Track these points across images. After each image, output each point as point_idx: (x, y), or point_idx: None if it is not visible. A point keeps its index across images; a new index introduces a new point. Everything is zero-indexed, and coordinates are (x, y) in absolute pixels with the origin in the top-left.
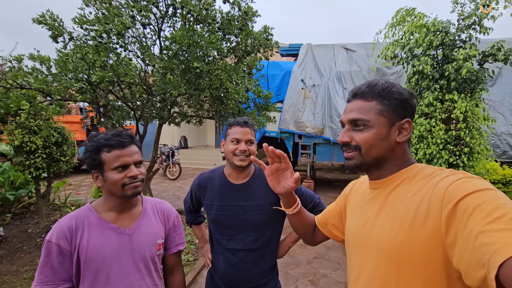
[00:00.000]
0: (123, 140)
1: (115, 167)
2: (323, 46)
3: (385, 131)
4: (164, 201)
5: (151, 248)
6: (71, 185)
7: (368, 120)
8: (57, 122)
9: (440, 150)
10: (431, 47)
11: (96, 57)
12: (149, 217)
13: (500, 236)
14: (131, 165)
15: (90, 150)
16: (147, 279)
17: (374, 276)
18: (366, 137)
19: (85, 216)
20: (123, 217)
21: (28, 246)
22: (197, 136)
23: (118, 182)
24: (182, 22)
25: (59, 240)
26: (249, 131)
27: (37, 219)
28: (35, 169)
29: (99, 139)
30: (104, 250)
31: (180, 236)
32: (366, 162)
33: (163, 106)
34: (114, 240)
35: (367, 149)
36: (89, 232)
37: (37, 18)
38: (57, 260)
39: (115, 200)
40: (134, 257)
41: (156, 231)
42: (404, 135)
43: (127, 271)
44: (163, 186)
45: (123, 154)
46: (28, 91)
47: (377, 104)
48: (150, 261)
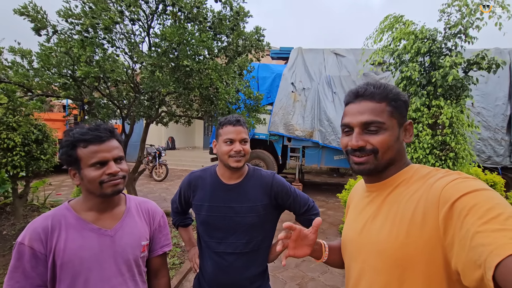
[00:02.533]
0: (100, 134)
1: (92, 164)
2: (313, 50)
3: (397, 132)
4: (149, 200)
5: (134, 250)
6: (52, 185)
7: (384, 123)
8: (38, 119)
9: (427, 155)
10: (419, 54)
11: (81, 51)
12: (133, 217)
13: (495, 236)
14: (110, 161)
15: (66, 146)
16: (130, 283)
17: (376, 280)
18: (383, 140)
19: (62, 216)
20: (104, 217)
21: (2, 249)
22: (185, 137)
23: (95, 180)
24: (172, 19)
25: (33, 242)
26: (243, 129)
27: (13, 220)
28: (13, 167)
29: (75, 134)
30: (83, 253)
31: (166, 237)
32: (381, 165)
33: (151, 105)
34: (94, 242)
35: (384, 151)
36: (66, 233)
37: (19, 9)
38: (29, 264)
39: (94, 199)
40: (116, 260)
41: (140, 232)
42: (410, 135)
43: (108, 275)
44: (149, 187)
45: (101, 150)
46: (7, 85)
47: (387, 106)
48: (133, 264)
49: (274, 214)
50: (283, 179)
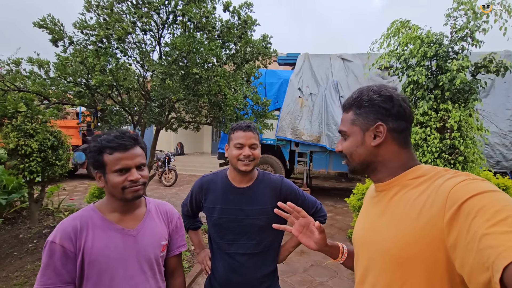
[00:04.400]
0: (125, 142)
1: (116, 170)
2: (320, 56)
3: (359, 138)
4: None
5: (155, 249)
6: (65, 190)
7: (345, 131)
8: (54, 126)
9: (435, 159)
10: (425, 58)
11: (95, 61)
12: (153, 218)
13: (504, 239)
14: (132, 169)
15: (93, 151)
16: (152, 281)
17: (379, 278)
18: (346, 146)
19: (89, 217)
20: (127, 218)
21: (19, 251)
22: (193, 143)
23: (118, 185)
24: (182, 29)
25: (63, 241)
26: (252, 135)
27: (29, 224)
28: (29, 173)
29: (102, 140)
30: (109, 252)
31: (181, 237)
32: (356, 167)
33: (161, 112)
34: (119, 241)
35: (349, 156)
36: (93, 233)
37: (38, 22)
38: (60, 261)
39: (117, 201)
40: (139, 259)
41: (160, 233)
42: (379, 138)
43: (131, 273)
44: (159, 192)
45: (125, 157)
46: (26, 94)
47: (351, 114)
48: (154, 262)
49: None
50: (291, 182)
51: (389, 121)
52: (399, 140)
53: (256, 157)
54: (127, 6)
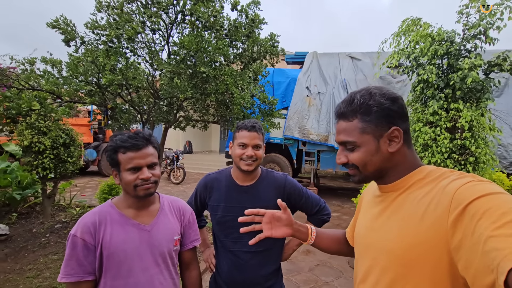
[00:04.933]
0: (137, 143)
1: (128, 169)
2: (329, 54)
3: (373, 146)
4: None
5: (168, 243)
6: (77, 186)
7: (354, 141)
8: (66, 124)
9: (445, 159)
10: (436, 56)
11: (106, 60)
12: (166, 214)
13: (509, 241)
14: (144, 168)
15: (109, 150)
16: (165, 273)
17: (382, 277)
18: (358, 157)
19: (107, 212)
20: (142, 213)
21: (32, 245)
22: (201, 141)
23: (130, 183)
24: (190, 28)
25: (84, 234)
26: (257, 135)
27: (42, 219)
28: (43, 169)
29: (117, 140)
30: (126, 245)
31: (195, 232)
32: (368, 176)
33: (170, 110)
34: (136, 235)
35: (362, 166)
36: (111, 227)
37: (51, 22)
38: (82, 253)
39: (131, 198)
40: (153, 252)
41: (173, 228)
42: (396, 142)
43: (147, 266)
44: (167, 189)
45: (137, 157)
46: (39, 93)
47: (358, 123)
48: (167, 256)
49: None
50: (295, 180)
51: (400, 123)
52: (407, 141)
53: (259, 157)
54: (137, 6)
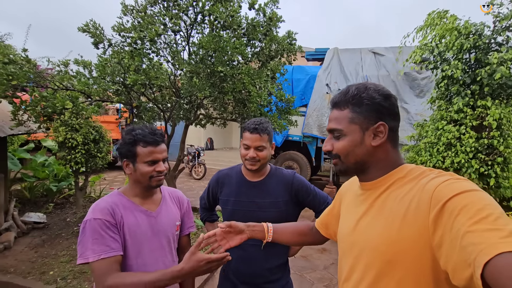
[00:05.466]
0: (157, 139)
1: (147, 161)
2: (350, 50)
3: (358, 137)
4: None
5: (172, 228)
6: (106, 179)
7: (342, 129)
8: (96, 121)
9: (470, 159)
10: (462, 51)
11: (131, 61)
12: (168, 203)
13: (485, 236)
14: (160, 161)
15: (127, 142)
16: (169, 256)
17: (366, 274)
18: (341, 146)
19: (117, 199)
20: (147, 202)
21: (66, 233)
22: (222, 138)
23: (147, 174)
24: (210, 28)
25: (105, 216)
26: (259, 137)
27: (75, 209)
28: (75, 163)
29: (137, 134)
30: (137, 229)
31: (191, 220)
32: (348, 168)
33: (190, 108)
34: (144, 220)
35: (344, 156)
36: (124, 212)
37: (82, 27)
38: (110, 231)
39: (140, 187)
40: (159, 236)
41: (174, 214)
42: (380, 137)
43: (154, 248)
44: (188, 185)
45: (156, 151)
46: (72, 92)
47: (348, 112)
48: (171, 239)
49: (294, 210)
50: (303, 178)
51: (388, 120)
52: (392, 139)
53: (262, 158)
54: (159, 9)
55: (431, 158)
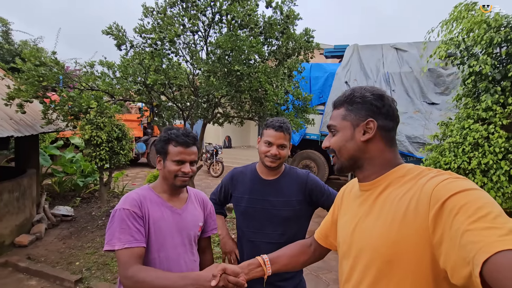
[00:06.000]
0: (188, 140)
1: (175, 160)
2: (371, 46)
3: (349, 133)
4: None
5: (194, 228)
6: (128, 176)
7: (335, 125)
8: (119, 120)
9: (499, 160)
10: (491, 45)
11: (151, 62)
12: (193, 203)
13: (484, 234)
14: (187, 163)
15: (162, 139)
16: (189, 253)
17: (366, 275)
18: (335, 140)
19: (146, 193)
20: (174, 199)
21: (91, 226)
22: (240, 137)
23: (172, 172)
24: (227, 27)
25: (133, 207)
26: (283, 135)
27: (99, 204)
28: (100, 160)
29: (171, 134)
30: (162, 223)
31: (214, 222)
32: (344, 164)
33: (208, 107)
34: (169, 216)
35: (337, 151)
36: (150, 206)
37: (105, 30)
38: (137, 223)
39: (167, 184)
40: (182, 233)
41: (198, 215)
42: (369, 133)
43: (176, 244)
44: (206, 182)
45: (184, 152)
46: (97, 92)
47: (343, 110)
48: (192, 238)
49: (308, 210)
50: (317, 178)
51: (379, 118)
52: (386, 138)
53: (283, 156)
54: (178, 10)
55: (455, 159)
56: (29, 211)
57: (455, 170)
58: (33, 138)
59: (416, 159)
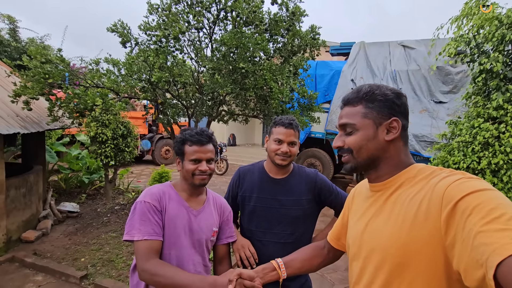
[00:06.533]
0: (202, 139)
1: (191, 159)
2: (378, 44)
3: (371, 132)
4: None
5: (208, 232)
6: (133, 173)
7: (355, 124)
8: (124, 117)
9: (510, 160)
10: (503, 42)
11: (156, 59)
12: (210, 207)
13: (498, 236)
14: (203, 161)
15: (179, 141)
16: (199, 257)
17: (376, 278)
18: (354, 140)
19: (167, 189)
20: (192, 199)
21: (96, 223)
22: (245, 135)
23: (190, 171)
24: (232, 24)
25: (153, 201)
26: (293, 132)
27: (104, 200)
28: (105, 157)
29: (186, 134)
30: (177, 221)
31: (231, 230)
32: (360, 164)
33: (213, 105)
34: (185, 215)
35: (357, 150)
36: (169, 202)
37: (110, 27)
38: (156, 216)
39: (187, 184)
40: (192, 235)
41: (214, 219)
42: (393, 133)
43: (187, 244)
44: (211, 180)
45: (200, 151)
46: (102, 90)
47: (362, 108)
48: (204, 242)
49: (316, 209)
50: (326, 177)
51: (401, 117)
52: (405, 137)
53: (293, 154)
54: (183, 7)
55: (465, 158)
56: (35, 207)
57: (464, 170)
58: (40, 135)
59: (423, 158)
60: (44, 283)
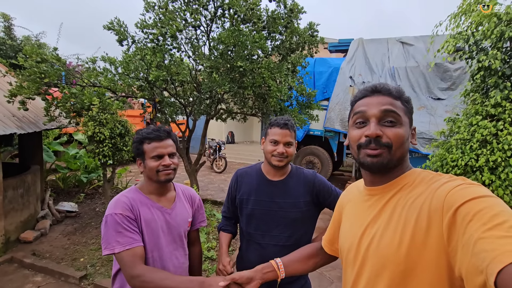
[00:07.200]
0: (160, 134)
1: (152, 156)
2: (376, 40)
3: (409, 131)
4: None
5: (184, 225)
6: (131, 172)
7: (401, 116)
8: (122, 116)
9: (508, 158)
10: (502, 39)
11: (153, 58)
12: (181, 201)
13: (499, 243)
14: (165, 156)
15: (136, 141)
16: (180, 250)
17: (375, 284)
18: (399, 133)
19: (135, 195)
20: (162, 199)
21: (95, 222)
22: (243, 132)
23: (154, 169)
24: (230, 22)
25: (125, 211)
26: (289, 133)
27: (103, 199)
28: (103, 156)
29: (143, 133)
30: (153, 224)
31: (202, 215)
32: (393, 161)
33: (211, 103)
34: (160, 216)
35: (398, 146)
36: (141, 208)
37: (107, 25)
38: (131, 225)
39: (154, 184)
40: (172, 232)
41: (187, 212)
42: (414, 139)
43: (168, 242)
44: (210, 178)
45: (159, 146)
46: (99, 89)
47: (401, 104)
48: (183, 235)
49: (314, 211)
50: (324, 178)
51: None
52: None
53: (290, 154)
54: (180, 4)
55: (463, 156)
56: (33, 207)
57: (462, 167)
58: (37, 135)
59: (422, 155)
60: (43, 284)
